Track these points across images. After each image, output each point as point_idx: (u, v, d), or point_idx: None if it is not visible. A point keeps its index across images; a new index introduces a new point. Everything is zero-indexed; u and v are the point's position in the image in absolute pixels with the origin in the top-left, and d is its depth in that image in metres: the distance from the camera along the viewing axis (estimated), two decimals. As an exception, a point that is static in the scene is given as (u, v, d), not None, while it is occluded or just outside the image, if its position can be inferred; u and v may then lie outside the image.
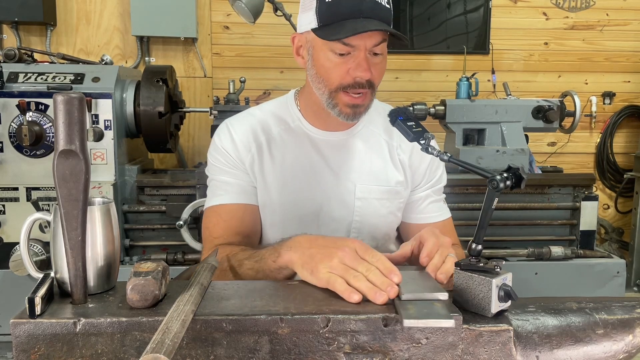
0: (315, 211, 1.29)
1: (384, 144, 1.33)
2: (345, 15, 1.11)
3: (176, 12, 3.31)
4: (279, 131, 1.30)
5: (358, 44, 1.13)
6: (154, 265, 0.84)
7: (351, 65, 1.14)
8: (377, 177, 1.30)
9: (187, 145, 3.57)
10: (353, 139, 1.31)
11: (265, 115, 1.33)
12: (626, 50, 3.72)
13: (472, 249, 0.84)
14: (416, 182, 1.36)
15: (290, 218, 1.29)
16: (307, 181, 1.29)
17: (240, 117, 1.34)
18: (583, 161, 3.82)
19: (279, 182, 1.29)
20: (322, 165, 1.30)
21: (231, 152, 1.29)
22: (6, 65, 2.53)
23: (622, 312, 0.88)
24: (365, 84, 1.16)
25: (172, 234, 2.62)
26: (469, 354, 0.79)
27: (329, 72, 1.17)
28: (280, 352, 0.78)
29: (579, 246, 2.74)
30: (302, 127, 1.30)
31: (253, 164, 1.29)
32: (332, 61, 1.16)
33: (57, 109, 0.78)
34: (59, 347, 0.76)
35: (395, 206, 1.33)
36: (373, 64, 1.16)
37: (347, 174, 1.29)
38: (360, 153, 1.31)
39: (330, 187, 1.29)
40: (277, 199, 1.29)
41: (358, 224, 1.30)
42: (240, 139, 1.29)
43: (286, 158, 1.29)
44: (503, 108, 2.87)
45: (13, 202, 2.50)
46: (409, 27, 3.64)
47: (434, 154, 0.94)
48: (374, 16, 1.11)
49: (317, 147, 1.30)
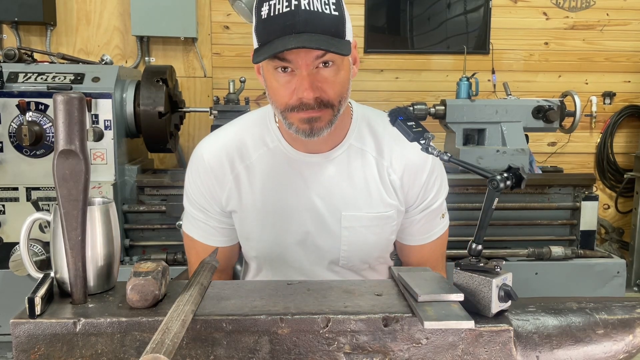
0: (300, 241, 1.22)
1: (373, 163, 1.20)
2: (278, 32, 1.00)
3: (176, 12, 3.30)
4: (258, 156, 1.20)
5: (295, 60, 1.01)
6: (154, 265, 0.84)
7: (295, 86, 1.04)
8: (364, 203, 1.20)
9: (187, 145, 3.57)
10: (337, 160, 1.19)
11: (244, 137, 1.22)
12: (626, 50, 3.72)
13: (472, 249, 0.84)
14: (409, 203, 1.24)
15: (274, 249, 1.24)
16: (289, 210, 1.20)
17: (216, 144, 1.23)
18: (583, 161, 3.82)
19: (260, 213, 1.21)
20: (304, 191, 1.19)
21: (205, 192, 1.22)
22: (6, 65, 2.53)
23: (622, 312, 0.88)
24: (314, 104, 1.03)
25: (172, 234, 2.62)
26: (469, 354, 0.79)
27: (276, 93, 1.08)
28: (280, 352, 0.78)
29: (579, 246, 2.74)
30: (282, 149, 1.19)
31: (230, 199, 1.22)
32: (278, 81, 1.06)
33: (57, 109, 0.78)
34: (59, 347, 0.76)
35: (388, 230, 1.23)
36: (322, 78, 1.04)
37: (331, 201, 1.19)
38: (345, 177, 1.19)
39: (314, 216, 1.20)
40: (258, 231, 1.23)
41: (346, 252, 1.22)
42: (216, 174, 1.20)
43: (266, 186, 1.20)
44: (503, 108, 2.86)
45: (13, 202, 2.49)
46: (409, 27, 3.64)
47: (434, 154, 0.94)
48: (309, 29, 0.99)
49: (299, 171, 1.19)
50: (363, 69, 3.59)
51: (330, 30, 1.01)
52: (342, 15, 1.04)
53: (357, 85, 3.57)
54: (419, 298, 0.80)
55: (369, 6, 3.52)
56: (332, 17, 1.01)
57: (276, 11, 0.99)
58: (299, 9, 0.98)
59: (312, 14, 0.99)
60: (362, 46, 3.55)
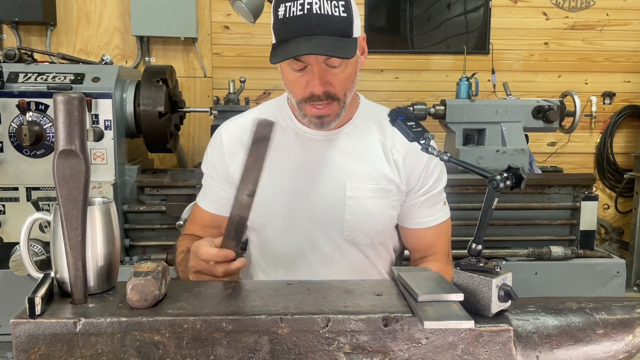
0: (306, 210, 1.30)
1: (377, 143, 1.33)
2: (292, 33, 1.13)
3: (176, 12, 3.30)
4: None
5: (307, 59, 1.15)
6: (154, 265, 0.84)
7: (307, 80, 1.18)
8: (368, 175, 1.30)
9: (187, 145, 3.57)
10: (343, 137, 1.32)
11: (258, 116, 1.33)
12: (626, 50, 3.72)
13: (472, 249, 0.84)
14: (411, 185, 1.34)
15: (280, 217, 1.31)
16: (297, 180, 1.30)
17: (234, 120, 1.40)
18: (583, 161, 3.82)
19: (267, 181, 1.26)
20: (311, 164, 1.31)
21: (217, 166, 1.36)
22: (6, 65, 2.53)
23: (622, 312, 0.88)
24: (323, 96, 1.18)
25: (172, 234, 2.62)
26: (469, 354, 0.79)
27: (291, 86, 1.22)
28: (280, 352, 0.78)
29: (579, 246, 2.74)
30: (293, 126, 1.33)
31: (238, 168, 1.28)
32: (292, 75, 1.20)
33: (57, 109, 0.78)
34: (59, 347, 0.76)
35: (389, 204, 1.31)
36: (331, 75, 1.18)
37: (337, 173, 1.30)
38: (350, 151, 1.31)
39: (320, 186, 1.30)
40: (265, 199, 1.28)
41: (350, 222, 1.29)
42: (229, 146, 1.35)
43: (276, 158, 1.27)
44: (503, 108, 2.86)
45: (13, 202, 2.49)
46: (409, 27, 3.64)
47: (434, 154, 0.94)
48: (320, 32, 1.11)
49: (307, 145, 1.32)
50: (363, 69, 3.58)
51: (338, 31, 1.14)
52: (350, 16, 1.15)
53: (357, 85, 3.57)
54: (419, 298, 0.80)
55: (369, 6, 3.52)
56: (341, 19, 1.13)
57: (291, 13, 1.12)
58: (311, 13, 1.11)
59: (322, 17, 1.11)
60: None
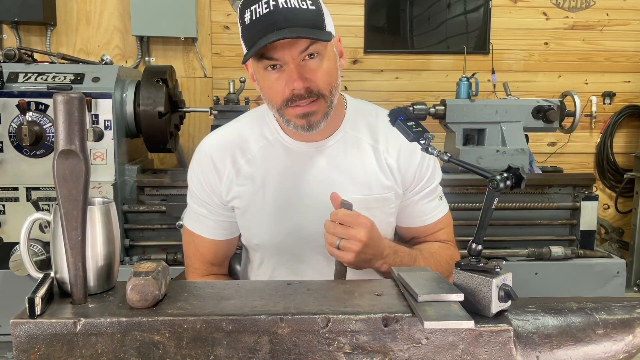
0: (301, 227, 1.25)
1: (369, 148, 1.27)
2: (261, 33, 1.06)
3: (176, 12, 3.30)
4: (259, 148, 1.26)
5: (281, 56, 1.08)
6: (154, 265, 0.84)
7: (285, 80, 1.10)
8: (362, 186, 1.25)
9: (187, 145, 3.57)
10: (334, 147, 1.25)
11: (245, 133, 1.28)
12: (626, 50, 3.72)
13: (472, 249, 0.84)
14: (407, 185, 1.30)
15: (275, 237, 1.27)
16: (290, 199, 1.25)
17: (218, 140, 1.30)
18: (583, 161, 3.82)
19: (262, 202, 1.25)
20: (304, 179, 1.25)
21: (206, 186, 1.28)
22: (6, 65, 2.53)
23: (622, 312, 0.88)
24: (305, 94, 1.11)
25: (172, 234, 2.62)
26: (469, 354, 0.79)
27: (270, 92, 1.14)
28: (280, 352, 0.78)
29: (579, 246, 2.74)
30: (280, 140, 1.26)
31: (230, 190, 1.27)
32: (270, 80, 1.13)
33: (57, 109, 0.78)
34: (59, 347, 0.76)
35: (386, 213, 1.28)
36: (309, 71, 1.10)
37: (330, 187, 1.22)
38: (342, 162, 1.25)
39: (314, 203, 1.24)
40: (259, 220, 1.26)
41: None
42: (216, 167, 1.26)
43: (267, 176, 1.25)
44: (503, 108, 2.86)
45: (13, 202, 2.49)
46: (408, 27, 3.64)
47: (434, 154, 0.94)
48: (289, 24, 1.05)
49: (297, 159, 1.25)
50: (363, 69, 3.60)
51: (309, 23, 1.08)
52: (320, 9, 1.11)
53: (357, 85, 3.58)
54: (419, 298, 0.80)
55: (369, 6, 3.51)
56: (310, 11, 1.08)
57: (257, 14, 1.06)
58: (278, 7, 1.05)
59: (290, 10, 1.05)
60: (362, 46, 3.55)
